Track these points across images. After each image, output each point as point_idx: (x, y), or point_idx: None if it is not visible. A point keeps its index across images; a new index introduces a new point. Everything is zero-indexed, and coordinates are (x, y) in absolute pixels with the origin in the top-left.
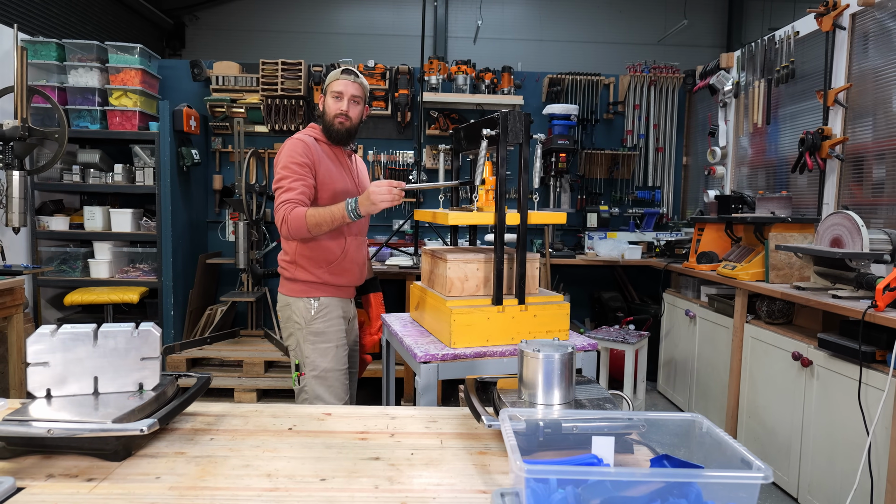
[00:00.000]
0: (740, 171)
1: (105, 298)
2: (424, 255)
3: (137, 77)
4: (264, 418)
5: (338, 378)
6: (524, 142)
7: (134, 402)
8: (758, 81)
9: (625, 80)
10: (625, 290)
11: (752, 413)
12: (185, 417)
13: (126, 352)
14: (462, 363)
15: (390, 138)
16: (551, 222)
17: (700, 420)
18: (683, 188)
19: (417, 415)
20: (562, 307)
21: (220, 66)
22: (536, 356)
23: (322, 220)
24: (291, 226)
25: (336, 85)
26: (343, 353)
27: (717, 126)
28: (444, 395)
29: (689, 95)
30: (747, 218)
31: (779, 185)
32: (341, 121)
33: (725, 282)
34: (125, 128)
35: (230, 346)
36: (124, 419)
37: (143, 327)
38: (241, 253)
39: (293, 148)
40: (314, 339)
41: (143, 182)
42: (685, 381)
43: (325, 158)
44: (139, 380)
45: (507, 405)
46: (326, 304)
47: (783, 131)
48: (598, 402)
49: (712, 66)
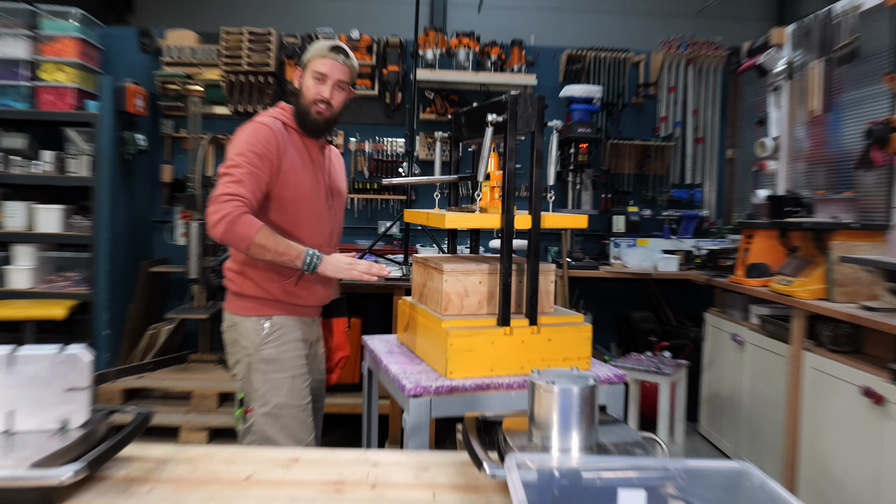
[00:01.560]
0: (796, 166)
1: (25, 314)
2: (416, 265)
3: (75, 47)
4: (216, 464)
5: (294, 415)
6: (537, 130)
7: (56, 442)
8: (815, 61)
9: (658, 57)
10: (658, 309)
11: (814, 461)
12: (119, 462)
13: (49, 380)
14: (460, 397)
15: (377, 123)
16: (570, 226)
17: (750, 470)
18: (728, 187)
19: (405, 461)
20: (582, 329)
21: (174, 36)
22: (551, 390)
23: (274, 248)
24: (235, 231)
25: (320, 64)
26: (301, 385)
27: (768, 113)
28: (437, 435)
29: (734, 77)
30: (805, 223)
31: (842, 184)
32: (320, 110)
33: (779, 300)
34: (58, 107)
35: (177, 373)
36: (44, 464)
37: (71, 350)
38: (192, 259)
39: (255, 133)
40: (265, 367)
41: (76, 172)
42: (732, 421)
43: (292, 149)
44: (64, 415)
45: (515, 450)
46: (280, 324)
47: (846, 120)
48: (627, 446)
49: (761, 42)
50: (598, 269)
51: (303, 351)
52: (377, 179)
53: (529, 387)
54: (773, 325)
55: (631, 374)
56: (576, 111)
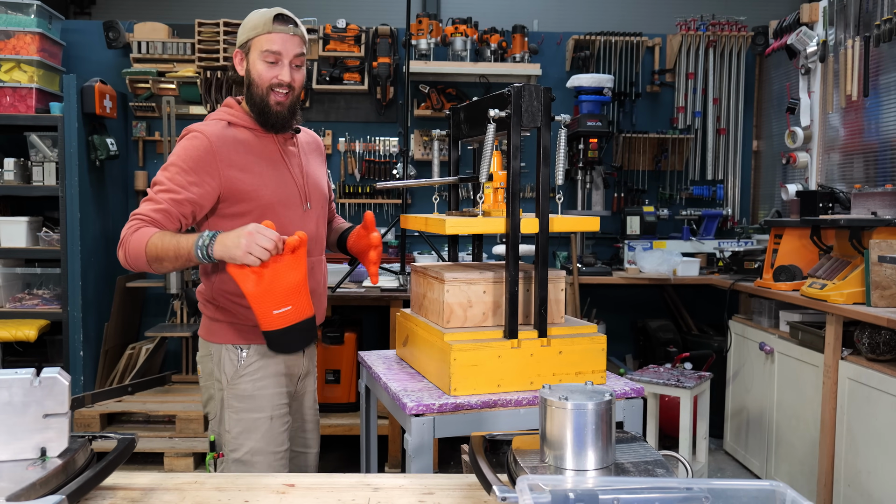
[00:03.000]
0: (829, 158)
1: None
2: (415, 275)
3: (34, 43)
4: (206, 492)
5: (269, 464)
6: (543, 125)
7: (34, 472)
8: (851, 40)
9: (674, 40)
10: (678, 316)
11: (853, 480)
12: (101, 493)
13: (24, 406)
14: (466, 416)
15: (368, 121)
16: (581, 229)
17: (783, 491)
18: (754, 182)
19: (408, 484)
20: (595, 341)
21: (143, 29)
22: (564, 406)
23: (164, 252)
24: (129, 250)
25: (267, 41)
26: (280, 428)
27: (798, 100)
28: (440, 457)
29: (760, 60)
30: (840, 220)
31: (882, 176)
32: (279, 99)
33: (812, 305)
34: (18, 110)
35: (159, 395)
36: (22, 496)
37: (47, 374)
38: (172, 274)
39: (187, 148)
40: (238, 405)
41: (42, 181)
42: (760, 437)
43: (242, 154)
44: (41, 443)
45: (527, 471)
46: (260, 354)
47: (886, 106)
48: (647, 466)
49: (790, 20)
50: (611, 275)
51: (284, 388)
52: (370, 183)
53: (541, 403)
54: (805, 333)
55: (649, 388)
56: (584, 103)
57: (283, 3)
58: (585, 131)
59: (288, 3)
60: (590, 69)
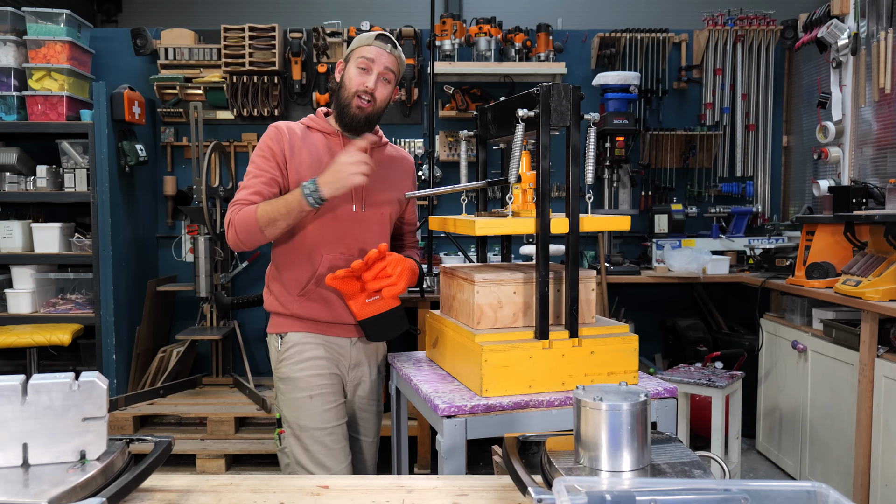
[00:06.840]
0: (863, 153)
1: (27, 340)
2: (443, 276)
3: (64, 52)
4: (242, 494)
5: (318, 439)
6: (573, 124)
7: (75, 475)
8: (884, 32)
9: (702, 36)
10: (708, 315)
11: (891, 480)
12: (139, 494)
13: (64, 410)
14: (497, 417)
15: (392, 123)
16: (611, 229)
17: (826, 492)
18: (784, 178)
19: (442, 486)
20: (628, 341)
21: (170, 36)
22: (598, 407)
23: (275, 212)
24: (239, 228)
25: (366, 50)
26: (322, 406)
27: (830, 94)
28: (469, 458)
29: (790, 54)
30: (875, 216)
31: None
32: (361, 104)
33: (846, 302)
34: (50, 118)
35: (190, 398)
36: (63, 498)
37: (86, 378)
38: (201, 277)
39: (264, 137)
40: (282, 386)
41: (73, 188)
42: (794, 437)
43: (309, 151)
44: (81, 446)
45: (562, 472)
46: (295, 341)
47: None
48: (683, 466)
49: (821, 13)
50: (639, 274)
51: (325, 370)
52: None
53: (575, 404)
54: (840, 331)
55: (680, 388)
56: (610, 101)
57: (306, 6)
58: (612, 129)
59: (313, 6)
60: (615, 67)
